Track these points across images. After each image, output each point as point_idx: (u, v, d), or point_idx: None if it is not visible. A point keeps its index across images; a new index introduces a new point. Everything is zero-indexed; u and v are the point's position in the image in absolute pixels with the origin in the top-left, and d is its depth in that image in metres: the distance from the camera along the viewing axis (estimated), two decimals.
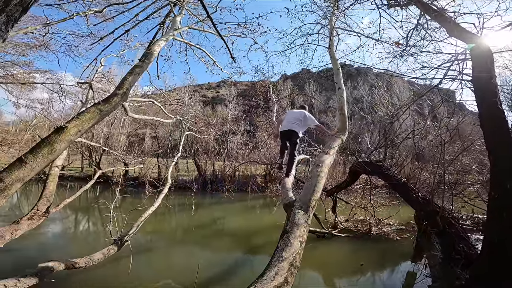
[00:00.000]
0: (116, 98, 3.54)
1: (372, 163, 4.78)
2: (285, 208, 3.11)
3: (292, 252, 2.24)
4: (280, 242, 2.35)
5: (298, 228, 2.47)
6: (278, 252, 2.24)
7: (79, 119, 2.94)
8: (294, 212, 2.64)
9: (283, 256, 2.19)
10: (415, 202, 3.42)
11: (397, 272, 5.63)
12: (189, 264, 5.71)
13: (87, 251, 4.44)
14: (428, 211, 3.20)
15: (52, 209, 3.83)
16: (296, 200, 2.93)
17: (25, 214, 3.61)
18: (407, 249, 6.58)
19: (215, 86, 60.94)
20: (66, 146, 2.74)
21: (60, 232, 8.27)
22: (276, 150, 20.42)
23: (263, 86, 13.27)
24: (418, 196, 3.37)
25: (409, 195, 3.49)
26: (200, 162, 19.13)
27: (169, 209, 9.46)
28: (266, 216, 11.59)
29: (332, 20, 6.78)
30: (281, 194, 3.65)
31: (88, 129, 3.12)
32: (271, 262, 2.14)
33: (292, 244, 2.30)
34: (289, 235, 2.39)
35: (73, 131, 2.80)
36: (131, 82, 3.99)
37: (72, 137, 2.79)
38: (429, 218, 3.22)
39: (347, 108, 4.89)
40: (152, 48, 4.92)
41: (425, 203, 3.28)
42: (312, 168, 3.38)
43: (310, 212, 2.71)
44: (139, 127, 26.52)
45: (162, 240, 7.77)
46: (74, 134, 2.80)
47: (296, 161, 5.11)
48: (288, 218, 2.60)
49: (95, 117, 3.10)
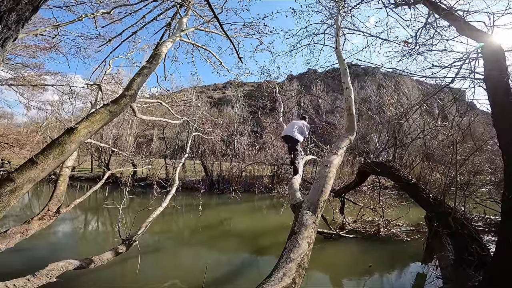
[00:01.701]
0: (125, 99, 3.58)
1: (381, 163, 4.70)
2: (292, 209, 3.08)
3: (300, 253, 2.21)
4: (287, 243, 2.33)
5: (306, 229, 2.44)
6: (285, 253, 2.22)
7: (88, 120, 2.98)
8: (302, 213, 2.61)
9: (291, 257, 2.17)
10: (426, 203, 3.34)
11: (406, 273, 5.52)
12: (196, 264, 5.74)
13: (96, 251, 4.51)
14: (439, 212, 3.13)
15: (62, 209, 3.89)
16: (304, 200, 2.90)
17: (36, 214, 3.68)
18: (416, 251, 6.47)
19: (222, 87, 61.20)
20: (76, 147, 2.79)
21: (71, 232, 8.42)
22: (283, 150, 20.40)
23: (269, 87, 13.25)
24: (429, 197, 3.29)
25: (420, 196, 3.41)
26: (207, 163, 19.22)
27: (176, 209, 9.53)
28: (273, 217, 11.55)
29: (338, 19, 6.73)
30: (289, 195, 3.62)
31: (98, 130, 3.16)
32: (279, 263, 2.13)
33: (300, 245, 2.28)
34: (297, 236, 2.36)
35: (83, 132, 2.84)
36: (139, 83, 4.03)
37: (82, 138, 2.83)
38: (440, 219, 3.14)
39: (355, 108, 4.83)
40: (159, 49, 4.98)
41: (437, 204, 3.20)
42: (320, 168, 3.34)
43: (318, 213, 2.69)
44: (147, 128, 26.81)
45: (169, 240, 7.83)
46: (84, 135, 2.85)
47: (303, 162, 5.10)
48: (296, 219, 2.58)
49: (104, 118, 3.14)
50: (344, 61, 6.15)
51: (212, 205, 13.68)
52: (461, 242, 2.81)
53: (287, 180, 11.77)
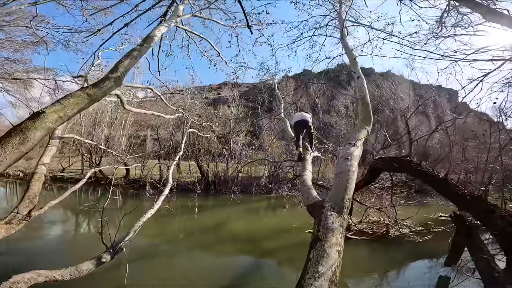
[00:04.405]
0: (108, 83, 3.04)
1: (398, 158, 4.24)
2: (309, 210, 2.59)
3: (330, 265, 1.72)
4: (312, 252, 1.82)
5: (334, 235, 1.94)
6: (312, 266, 1.71)
7: (60, 104, 2.44)
8: (326, 215, 2.11)
9: (319, 271, 1.67)
10: (461, 199, 2.90)
11: (424, 276, 5.11)
12: (192, 270, 5.25)
13: (78, 259, 3.93)
14: (479, 209, 2.68)
15: (34, 212, 3.32)
16: (325, 200, 2.40)
17: (2, 218, 3.11)
18: (430, 251, 6.08)
19: (217, 87, 60.47)
20: (42, 135, 2.24)
21: (49, 237, 7.75)
22: (281, 150, 19.93)
23: (268, 84, 12.83)
24: (464, 193, 2.85)
25: (453, 192, 2.97)
26: (203, 164, 18.64)
27: (171, 211, 8.95)
28: (272, 219, 11.09)
29: (342, 11, 6.33)
30: (302, 193, 3.13)
31: (73, 115, 2.61)
32: (305, 280, 1.62)
33: (329, 255, 1.78)
34: (324, 243, 1.86)
35: (52, 117, 2.29)
36: (127, 66, 3.48)
37: (51, 124, 2.28)
38: (481, 218, 2.70)
39: (369, 98, 4.39)
40: (152, 32, 4.44)
41: (476, 200, 2.76)
42: (339, 162, 2.87)
43: (344, 214, 2.19)
44: (140, 129, 26.09)
45: (163, 245, 7.27)
46: (53, 121, 2.30)
47: (311, 158, 4.63)
48: (319, 222, 2.07)
49: (81, 102, 2.60)
50: (352, 51, 5.75)
51: (208, 207, 13.10)
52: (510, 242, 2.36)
53: (297, 176, 11.26)
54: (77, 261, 3.76)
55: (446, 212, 10.04)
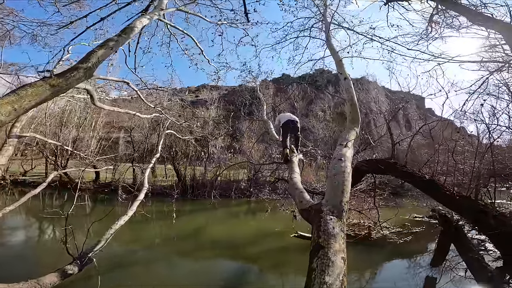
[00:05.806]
0: (77, 73, 2.67)
1: (384, 160, 4.24)
2: (303, 215, 2.42)
3: (337, 274, 1.55)
4: (315, 261, 1.64)
5: (336, 241, 1.78)
6: (317, 277, 1.53)
7: (16, 95, 2.07)
8: (325, 219, 1.94)
9: (326, 281, 1.49)
10: (450, 199, 2.89)
11: (410, 277, 5.14)
12: (170, 278, 4.92)
13: (43, 270, 3.45)
14: (471, 210, 2.67)
15: None
16: (322, 203, 2.24)
17: None
18: (408, 251, 6.19)
19: (195, 90, 59.31)
20: None
21: (11, 244, 6.95)
22: (260, 154, 19.81)
23: (249, 86, 12.69)
24: (453, 193, 2.84)
25: (441, 193, 2.96)
26: (180, 167, 17.98)
27: (146, 217, 8.42)
28: (252, 223, 10.87)
29: (326, 14, 6.36)
30: (293, 197, 2.94)
31: (30, 108, 2.23)
32: None
33: (334, 263, 1.61)
34: (327, 250, 1.69)
35: (6, 109, 1.92)
36: (101, 57, 3.09)
37: (3, 118, 1.91)
38: (472, 218, 2.70)
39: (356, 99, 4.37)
40: (133, 23, 4.06)
41: (466, 201, 2.75)
42: (333, 163, 2.73)
43: (344, 218, 2.04)
44: (112, 131, 24.64)
45: (138, 253, 6.76)
46: (6, 114, 1.93)
47: (297, 160, 4.50)
48: (318, 227, 1.90)
49: (41, 93, 2.23)
50: (337, 53, 5.75)
51: (186, 212, 12.58)
52: (506, 241, 2.36)
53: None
54: (40, 271, 3.30)
55: (420, 213, 10.46)
